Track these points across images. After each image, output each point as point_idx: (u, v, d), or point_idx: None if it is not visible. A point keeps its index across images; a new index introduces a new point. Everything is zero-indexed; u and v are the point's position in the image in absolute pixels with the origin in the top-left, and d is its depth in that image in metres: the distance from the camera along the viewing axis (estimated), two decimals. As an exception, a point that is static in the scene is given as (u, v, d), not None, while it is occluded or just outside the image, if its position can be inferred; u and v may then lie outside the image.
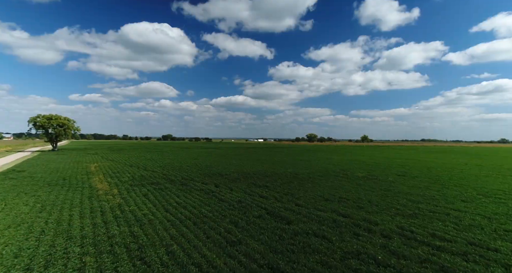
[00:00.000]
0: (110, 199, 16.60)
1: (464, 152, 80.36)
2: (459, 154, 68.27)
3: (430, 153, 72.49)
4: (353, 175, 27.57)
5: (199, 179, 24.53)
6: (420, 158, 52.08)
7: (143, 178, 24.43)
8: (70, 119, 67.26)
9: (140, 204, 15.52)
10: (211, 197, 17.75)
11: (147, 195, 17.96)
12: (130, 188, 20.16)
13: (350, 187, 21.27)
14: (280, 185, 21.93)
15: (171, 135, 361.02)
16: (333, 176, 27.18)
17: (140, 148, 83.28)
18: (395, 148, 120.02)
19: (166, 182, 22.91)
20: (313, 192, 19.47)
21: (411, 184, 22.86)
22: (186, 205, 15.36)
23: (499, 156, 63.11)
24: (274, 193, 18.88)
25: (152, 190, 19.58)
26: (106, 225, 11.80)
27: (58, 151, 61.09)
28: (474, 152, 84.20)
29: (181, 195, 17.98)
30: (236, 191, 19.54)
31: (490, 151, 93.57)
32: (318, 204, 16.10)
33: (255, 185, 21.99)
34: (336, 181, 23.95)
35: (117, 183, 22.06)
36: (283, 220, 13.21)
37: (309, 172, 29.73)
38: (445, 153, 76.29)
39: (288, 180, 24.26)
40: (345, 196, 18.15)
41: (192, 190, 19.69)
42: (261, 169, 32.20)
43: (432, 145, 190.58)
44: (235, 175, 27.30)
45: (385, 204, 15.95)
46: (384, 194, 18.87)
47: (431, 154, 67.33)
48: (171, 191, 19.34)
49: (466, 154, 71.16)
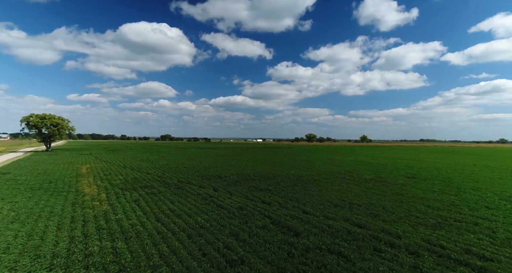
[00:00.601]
0: (96, 206, 14.91)
1: (467, 153, 79.04)
2: (462, 155, 66.91)
3: (433, 153, 71.11)
4: (359, 177, 25.98)
5: (196, 182, 22.86)
6: (425, 159, 50.61)
7: (136, 181, 22.73)
8: (64, 119, 65.37)
9: (128, 212, 13.84)
10: (208, 203, 16.10)
11: (138, 200, 16.28)
12: (120, 192, 18.47)
13: (359, 191, 19.67)
14: (284, 189, 20.31)
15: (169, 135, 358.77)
16: (338, 178, 25.57)
17: (137, 149, 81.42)
18: (396, 148, 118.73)
19: (161, 185, 21.23)
20: (320, 196, 17.85)
21: (423, 187, 21.29)
22: (180, 213, 13.69)
23: (503, 156, 61.77)
24: (277, 198, 17.25)
25: (144, 195, 17.90)
26: (86, 239, 10.12)
27: (52, 152, 59.20)
28: (476, 152, 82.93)
29: (176, 201, 16.31)
30: (236, 196, 17.90)
31: (493, 151, 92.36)
32: (327, 211, 14.49)
33: (256, 189, 20.36)
34: (343, 184, 22.34)
35: (107, 186, 20.36)
36: (290, 231, 11.58)
37: (313, 174, 28.12)
38: (447, 153, 74.95)
39: (291, 183, 22.64)
40: (356, 201, 16.54)
41: (188, 195, 18.02)
42: (262, 170, 30.57)
43: (433, 145, 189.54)
44: (235, 177, 25.66)
45: (402, 211, 14.34)
46: (398, 199, 17.28)
47: (435, 154, 65.93)
48: (165, 196, 17.66)
49: (470, 154, 69.81)
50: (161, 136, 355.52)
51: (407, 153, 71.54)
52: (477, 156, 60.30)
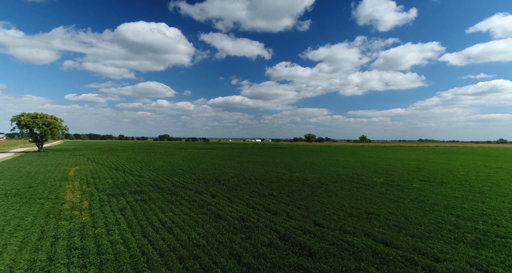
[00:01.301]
0: (75, 217, 12.84)
1: (471, 153, 77.35)
2: (469, 155, 65.14)
3: (438, 154, 69.33)
4: (370, 181, 24.02)
5: (192, 186, 20.82)
6: (432, 160, 48.76)
7: (126, 186, 20.65)
8: (57, 118, 63.07)
9: (111, 225, 11.78)
10: (205, 212, 14.06)
11: (125, 210, 14.21)
12: (106, 199, 16.40)
13: (373, 197, 17.71)
14: (289, 194, 18.30)
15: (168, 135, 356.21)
16: (347, 181, 23.60)
17: (133, 149, 79.19)
18: (398, 148, 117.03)
19: (153, 190, 19.16)
20: (331, 204, 15.86)
21: (443, 192, 19.34)
22: (172, 226, 11.64)
23: (511, 156, 60.06)
24: (284, 206, 15.23)
25: (132, 202, 15.83)
26: (49, 265, 8.06)
27: (43, 153, 56.91)
28: (481, 152, 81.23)
29: (168, 210, 14.26)
30: (236, 203, 15.87)
31: (497, 151, 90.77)
32: (342, 222, 12.49)
33: (259, 194, 18.34)
34: (354, 189, 20.37)
35: (93, 192, 18.27)
36: (303, 250, 9.58)
37: (319, 176, 26.13)
38: (452, 154, 73.19)
39: (297, 188, 20.63)
40: (373, 210, 14.55)
41: (182, 202, 15.97)
42: (263, 173, 28.55)
43: (434, 145, 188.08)
44: (235, 180, 23.62)
45: (429, 223, 12.37)
46: (419, 207, 15.30)
47: (440, 155, 64.13)
48: (156, 203, 15.61)
49: (476, 155, 68.06)
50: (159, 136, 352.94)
51: (412, 154, 69.74)
52: (484, 157, 58.54)
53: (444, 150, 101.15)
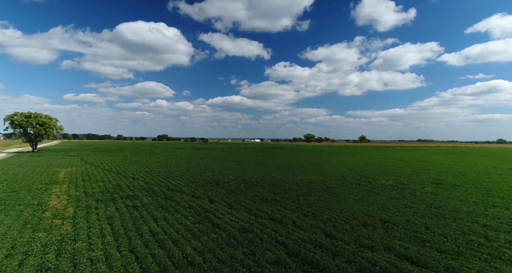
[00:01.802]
0: (55, 227, 11.38)
1: (474, 153, 76.13)
2: (473, 156, 63.88)
3: (441, 155, 68.06)
4: (378, 183, 22.63)
5: (189, 190, 19.37)
6: (438, 160, 47.45)
7: (118, 189, 19.19)
8: (51, 118, 61.46)
9: (94, 237, 10.33)
10: (203, 220, 12.62)
11: (112, 218, 12.76)
12: (93, 205, 14.93)
13: (385, 202, 16.31)
14: (294, 199, 16.88)
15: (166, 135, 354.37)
16: (354, 184, 22.20)
17: (130, 149, 77.60)
18: (399, 149, 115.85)
19: (146, 194, 17.71)
20: (341, 210, 14.45)
21: (459, 196, 17.97)
22: (164, 239, 10.20)
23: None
24: (289, 213, 13.82)
25: (122, 208, 14.37)
26: (10, 294, 6.60)
27: (37, 153, 55.30)
28: (484, 153, 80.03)
29: (161, 218, 12.81)
30: (237, 210, 14.44)
31: (499, 152, 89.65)
32: (357, 233, 11.09)
33: (261, 199, 16.91)
34: (363, 193, 18.97)
35: (80, 197, 16.80)
36: (316, 270, 8.18)
37: (324, 179, 24.73)
38: (456, 154, 71.93)
39: (302, 191, 19.22)
40: (388, 217, 13.16)
41: (177, 208, 14.52)
42: (265, 175, 27.12)
43: (435, 145, 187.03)
44: (234, 183, 22.19)
45: (455, 234, 10.97)
46: (438, 214, 13.91)
47: (444, 156, 62.84)
48: (149, 210, 14.15)
49: (479, 155, 66.83)
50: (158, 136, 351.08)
51: (415, 154, 68.45)
52: (489, 157, 57.30)
53: (447, 150, 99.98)
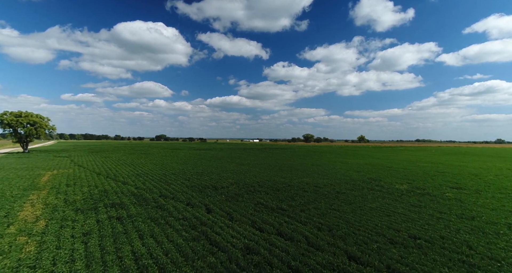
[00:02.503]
0: (15, 248, 9.24)
1: (480, 154, 74.38)
2: (480, 156, 62.08)
3: (447, 155, 66.23)
4: (392, 188, 20.62)
5: (184, 196, 17.26)
6: (446, 162, 45.56)
7: (103, 196, 17.04)
8: (43, 117, 59.06)
9: (60, 263, 8.22)
10: (198, 237, 10.52)
11: (90, 234, 10.63)
12: (71, 217, 12.79)
13: (407, 211, 14.28)
14: (303, 208, 14.81)
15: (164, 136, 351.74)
16: (367, 189, 20.18)
17: (126, 150, 75.24)
18: (402, 149, 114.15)
19: (135, 202, 15.57)
20: (360, 222, 12.40)
21: (487, 204, 15.97)
22: (148, 265, 8.10)
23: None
24: (300, 226, 11.75)
25: (104, 221, 12.24)
26: None
27: (26, 154, 52.88)
28: (489, 153, 78.33)
29: (148, 234, 10.70)
30: (239, 222, 12.35)
31: (505, 152, 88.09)
32: (386, 254, 9.04)
33: (265, 208, 14.83)
34: (379, 199, 16.94)
35: (58, 206, 14.64)
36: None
37: (332, 183, 22.68)
38: (461, 155, 70.17)
39: (310, 198, 17.15)
40: (417, 232, 11.12)
41: (169, 220, 12.41)
42: (267, 178, 25.04)
43: (436, 145, 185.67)
44: (235, 188, 20.11)
45: (508, 257, 8.94)
46: (475, 227, 11.88)
47: (451, 157, 60.96)
48: (135, 223, 12.04)
49: (486, 156, 65.05)
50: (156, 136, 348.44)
51: (420, 155, 66.60)
52: (498, 158, 55.53)
53: (450, 151, 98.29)
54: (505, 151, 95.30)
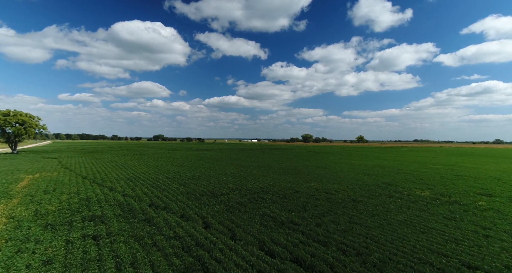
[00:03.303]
0: None
1: (489, 155, 72.43)
2: (488, 157, 60.05)
3: (455, 156, 64.10)
4: (413, 195, 18.32)
5: (178, 206, 14.86)
6: (458, 163, 43.40)
7: (83, 205, 14.59)
8: (33, 116, 56.35)
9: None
10: (192, 265, 8.15)
11: (52, 262, 8.22)
12: (36, 235, 10.34)
13: (444, 226, 11.97)
14: (319, 221, 12.44)
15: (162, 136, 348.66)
16: (385, 196, 17.87)
17: (121, 150, 72.58)
18: (407, 150, 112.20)
19: (119, 215, 13.15)
20: (392, 242, 10.07)
21: (532, 215, 13.69)
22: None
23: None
24: (319, 248, 9.39)
25: (76, 242, 9.82)
26: None
27: (14, 155, 50.16)
28: (497, 154, 76.42)
29: (127, 263, 8.29)
30: (243, 243, 9.96)
31: (509, 153, 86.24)
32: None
33: (274, 221, 12.46)
34: (404, 209, 14.61)
35: (25, 220, 12.18)
36: None
37: (344, 188, 20.35)
38: (469, 156, 68.10)
39: (324, 208, 14.79)
40: (470, 259, 8.81)
41: (157, 241, 10.01)
42: (271, 182, 22.67)
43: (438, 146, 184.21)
44: (236, 195, 17.73)
45: None
46: (536, 249, 9.57)
47: (460, 158, 58.79)
48: (115, 243, 9.62)
49: (494, 157, 63.05)
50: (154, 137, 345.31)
51: (427, 156, 64.49)
52: (509, 159, 53.48)
53: (455, 151, 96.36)
54: (509, 152, 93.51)
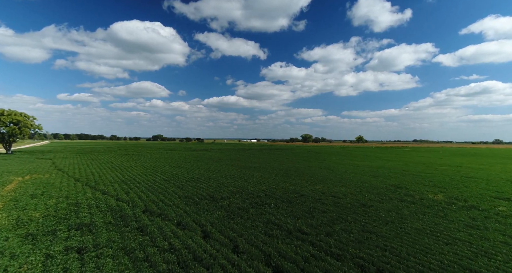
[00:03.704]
0: None
1: (493, 155, 71.43)
2: (494, 158, 59.01)
3: (460, 157, 63.07)
4: (426, 199, 17.19)
5: (174, 212, 13.69)
6: (464, 164, 42.31)
7: (72, 212, 13.39)
8: (28, 115, 55.04)
9: None
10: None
11: (24, 285, 7.01)
12: (11, 248, 9.14)
13: (468, 236, 10.83)
14: (329, 230, 11.28)
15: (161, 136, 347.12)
16: (396, 200, 16.73)
17: (118, 150, 71.29)
18: (410, 150, 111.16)
19: (109, 222, 11.96)
20: (416, 257, 8.91)
21: (560, 223, 12.56)
22: None
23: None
24: (333, 264, 8.25)
25: (57, 255, 8.63)
26: None
27: (7, 155, 48.86)
28: (501, 154, 75.40)
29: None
30: (246, 256, 8.80)
31: (510, 153, 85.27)
32: None
33: (280, 229, 11.29)
34: (420, 216, 13.46)
35: (4, 228, 10.97)
36: None
37: (351, 191, 19.20)
38: (474, 156, 67.08)
39: (333, 214, 13.62)
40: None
41: (150, 254, 8.83)
42: (273, 185, 21.51)
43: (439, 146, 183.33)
44: (237, 199, 16.56)
45: None
46: None
47: (464, 158, 57.73)
48: (102, 258, 8.44)
49: (500, 157, 62.04)
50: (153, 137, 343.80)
51: (431, 156, 63.42)
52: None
53: (458, 151, 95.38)
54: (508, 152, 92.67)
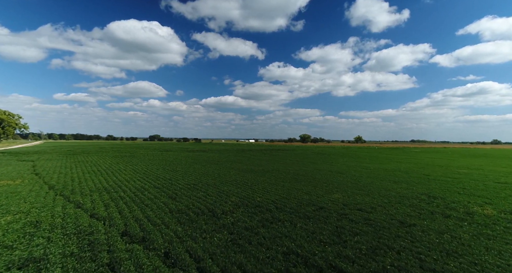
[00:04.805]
0: None
1: (503, 157, 68.71)
2: (503, 159, 56.14)
3: (471, 158, 60.14)
4: (476, 214, 14.02)
5: (162, 235, 10.37)
6: (483, 167, 39.29)
7: (23, 237, 10.02)
8: (12, 114, 51.28)
9: None
10: None
11: None
12: None
13: None
14: (374, 267, 8.03)
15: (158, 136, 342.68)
16: (439, 216, 13.53)
17: (111, 151, 67.60)
18: (418, 151, 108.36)
19: (71, 254, 8.62)
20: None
21: None
22: None
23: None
24: None
25: None
26: None
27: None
28: (510, 155, 72.74)
29: None
30: None
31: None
32: None
33: (306, 266, 8.03)
34: (483, 240, 10.27)
35: None
36: None
37: (378, 202, 15.98)
38: (482, 157, 64.28)
39: (371, 238, 10.36)
40: None
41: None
42: (283, 193, 18.26)
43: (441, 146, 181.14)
44: (243, 215, 13.26)
45: None
46: None
47: (478, 160, 54.64)
48: None
49: (507, 158, 59.21)
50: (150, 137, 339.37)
51: (443, 158, 60.45)
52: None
53: (467, 152, 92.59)
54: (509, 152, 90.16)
